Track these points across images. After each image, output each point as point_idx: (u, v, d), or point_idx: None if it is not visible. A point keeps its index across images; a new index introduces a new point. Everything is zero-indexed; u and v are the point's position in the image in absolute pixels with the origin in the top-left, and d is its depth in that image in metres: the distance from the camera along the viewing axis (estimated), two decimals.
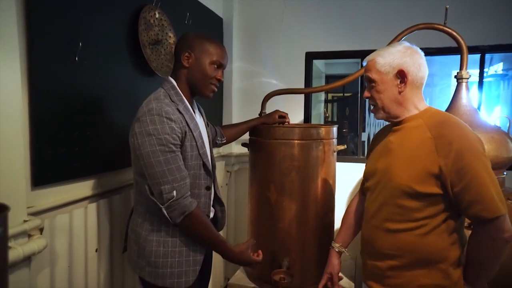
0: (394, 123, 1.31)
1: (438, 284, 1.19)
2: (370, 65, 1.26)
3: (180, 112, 1.28)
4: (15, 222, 1.14)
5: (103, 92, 1.56)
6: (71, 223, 1.39)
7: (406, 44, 1.25)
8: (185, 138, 1.28)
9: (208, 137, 1.50)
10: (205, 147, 1.37)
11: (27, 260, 1.17)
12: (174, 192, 1.21)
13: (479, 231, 1.16)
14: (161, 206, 1.22)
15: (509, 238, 1.10)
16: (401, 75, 1.22)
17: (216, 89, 1.41)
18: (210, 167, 1.39)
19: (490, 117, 2.94)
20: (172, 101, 1.29)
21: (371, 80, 1.27)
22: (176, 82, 1.35)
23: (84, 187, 1.50)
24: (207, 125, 1.55)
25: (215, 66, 1.36)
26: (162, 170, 1.20)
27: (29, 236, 1.20)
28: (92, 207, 1.50)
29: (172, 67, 1.42)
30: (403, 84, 1.22)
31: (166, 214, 1.23)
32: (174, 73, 1.39)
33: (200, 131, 1.35)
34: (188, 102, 1.37)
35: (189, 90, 1.38)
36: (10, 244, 1.11)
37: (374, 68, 1.25)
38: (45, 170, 1.30)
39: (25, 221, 1.17)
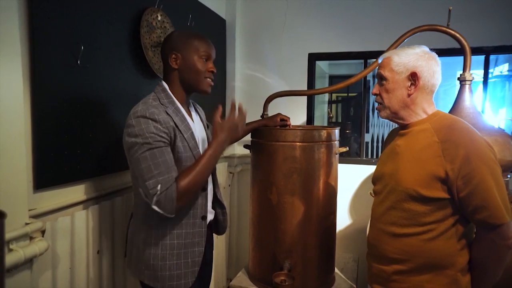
0: (401, 127, 1.31)
1: None
2: (385, 63, 1.26)
3: (168, 114, 1.27)
4: (17, 225, 1.15)
5: (105, 95, 1.57)
6: (73, 225, 1.40)
7: (425, 48, 1.25)
8: (176, 139, 1.27)
9: (208, 138, 1.50)
10: (198, 148, 1.35)
11: (28, 262, 1.18)
12: (159, 186, 1.17)
13: (482, 236, 1.16)
14: (151, 204, 1.19)
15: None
16: (413, 78, 1.21)
17: (212, 83, 1.40)
18: None
19: (495, 118, 2.91)
20: (161, 104, 1.29)
21: (382, 78, 1.26)
22: (168, 85, 1.35)
23: (86, 189, 1.51)
24: (207, 126, 1.54)
25: (204, 59, 1.35)
26: (148, 165, 1.18)
27: (31, 238, 1.21)
28: (94, 209, 1.51)
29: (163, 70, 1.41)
30: (413, 87, 1.22)
31: (158, 210, 1.18)
32: (165, 76, 1.38)
33: (192, 132, 1.34)
34: (182, 103, 1.37)
35: (183, 91, 1.37)
36: (12, 246, 1.13)
37: (388, 66, 1.25)
38: (47, 173, 1.31)
39: (26, 223, 1.18)
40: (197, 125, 1.42)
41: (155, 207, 1.18)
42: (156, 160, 1.19)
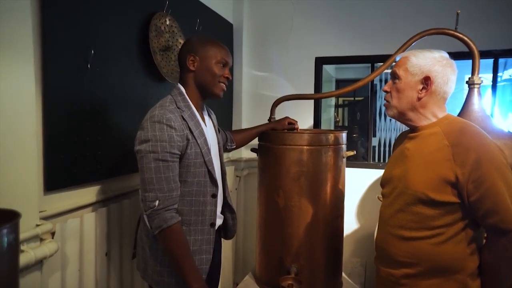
0: (411, 130, 1.30)
1: None
2: (402, 61, 1.25)
3: (184, 119, 1.29)
4: (28, 226, 1.16)
5: (114, 98, 1.58)
6: (82, 227, 1.41)
7: (444, 54, 1.23)
8: (188, 146, 1.28)
9: (219, 143, 1.51)
10: (210, 155, 1.35)
11: (39, 263, 1.19)
12: (157, 202, 1.20)
13: (493, 241, 1.14)
14: (144, 212, 1.23)
15: None
16: (426, 82, 1.20)
17: (225, 88, 1.41)
18: (216, 175, 1.38)
19: (505, 122, 2.88)
20: (178, 108, 1.30)
21: (396, 76, 1.25)
22: (185, 88, 1.36)
23: (94, 192, 1.52)
24: (217, 131, 1.55)
25: (221, 65, 1.37)
26: (151, 177, 1.20)
27: (41, 240, 1.22)
28: (103, 211, 1.52)
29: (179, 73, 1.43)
30: (424, 91, 1.21)
31: (147, 222, 1.23)
32: (181, 79, 1.39)
33: (205, 138, 1.35)
34: (197, 108, 1.37)
35: (199, 94, 1.38)
36: (23, 247, 1.14)
37: (403, 65, 1.24)
38: (57, 175, 1.33)
39: (37, 225, 1.20)
40: (209, 130, 1.43)
41: (145, 217, 1.24)
42: (160, 174, 1.21)
